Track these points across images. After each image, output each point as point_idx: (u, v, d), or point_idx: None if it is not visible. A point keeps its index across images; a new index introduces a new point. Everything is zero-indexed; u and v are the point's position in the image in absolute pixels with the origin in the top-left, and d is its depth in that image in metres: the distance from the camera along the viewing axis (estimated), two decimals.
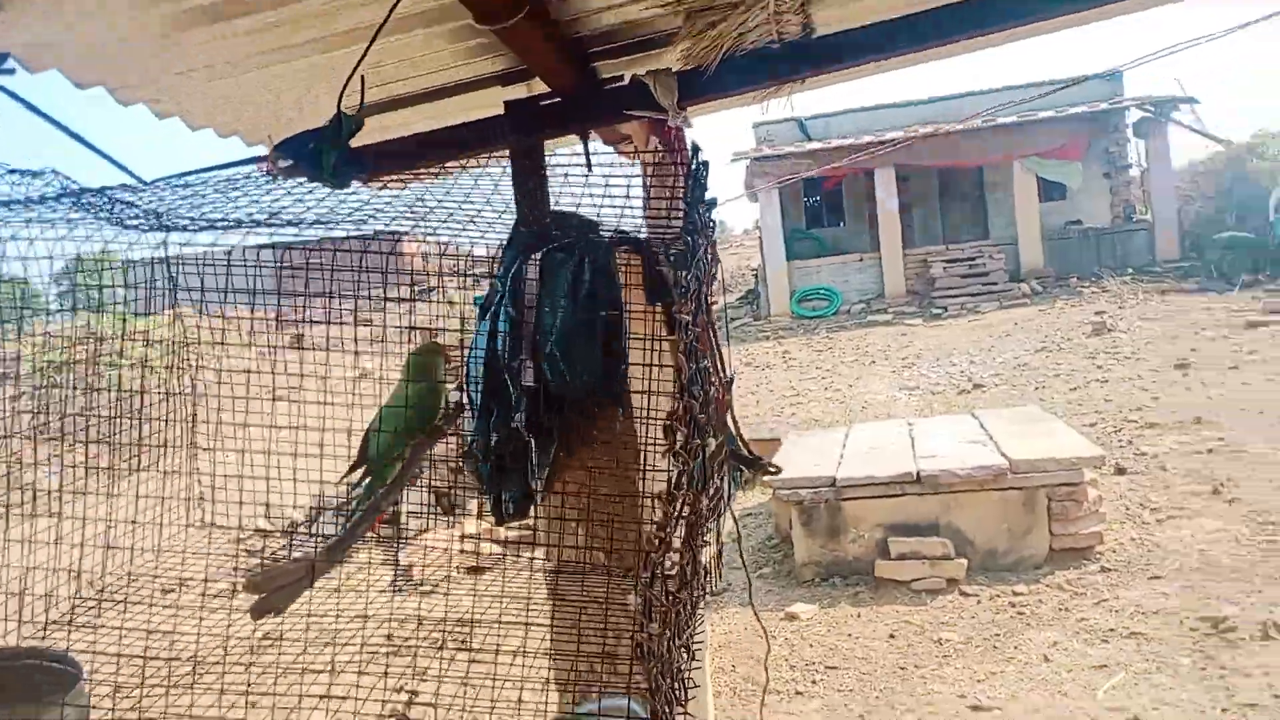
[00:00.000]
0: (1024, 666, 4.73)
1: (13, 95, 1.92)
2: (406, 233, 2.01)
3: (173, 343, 2.39)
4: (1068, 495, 5.97)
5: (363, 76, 1.90)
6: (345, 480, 2.12)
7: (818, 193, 24.79)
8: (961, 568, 5.88)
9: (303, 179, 1.95)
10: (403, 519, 6.79)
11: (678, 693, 1.46)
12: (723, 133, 12.91)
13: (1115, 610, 5.21)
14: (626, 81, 2.19)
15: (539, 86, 2.35)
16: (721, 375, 1.84)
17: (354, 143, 1.94)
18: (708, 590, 1.80)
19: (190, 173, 2.14)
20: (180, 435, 2.32)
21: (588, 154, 1.93)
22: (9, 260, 1.87)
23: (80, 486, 2.16)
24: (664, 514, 1.41)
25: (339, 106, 1.90)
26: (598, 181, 1.93)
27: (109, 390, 2.27)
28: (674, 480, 1.43)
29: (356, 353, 2.25)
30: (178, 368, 2.40)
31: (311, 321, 2.10)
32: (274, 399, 2.07)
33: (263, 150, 2.52)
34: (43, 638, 2.09)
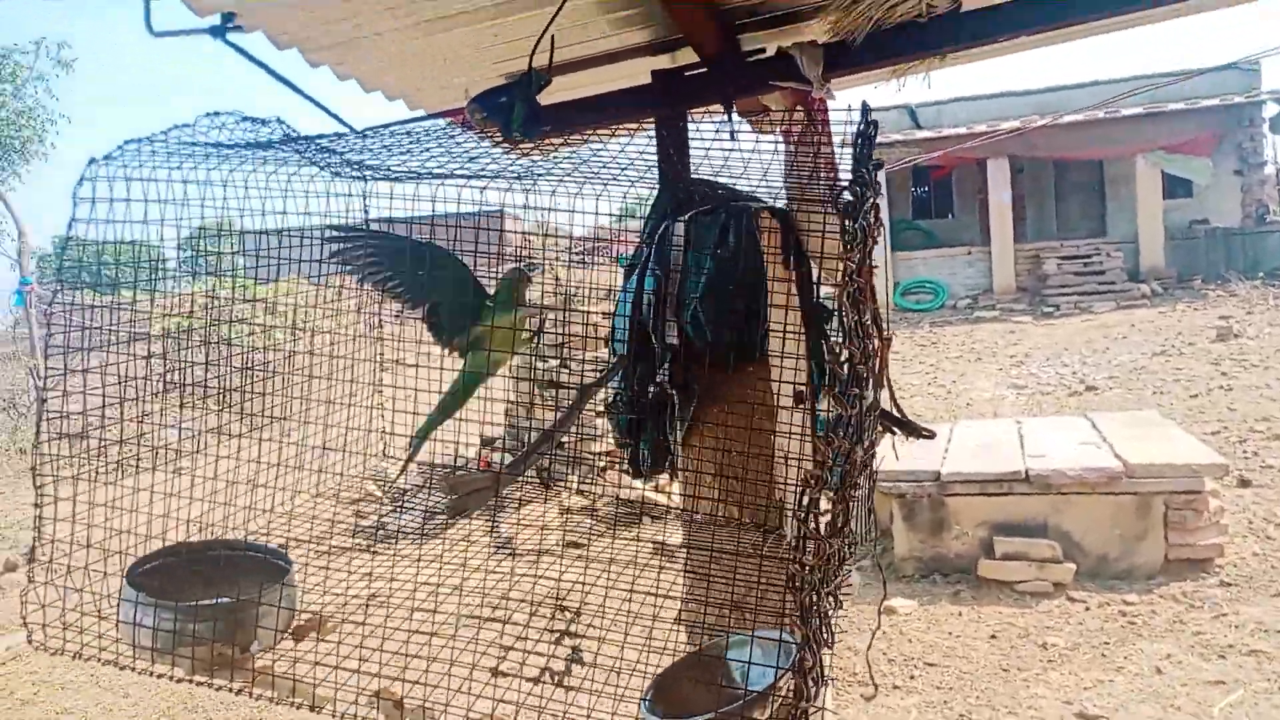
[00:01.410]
0: (1134, 677, 4.57)
1: (243, 52, 2.07)
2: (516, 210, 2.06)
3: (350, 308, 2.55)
4: (1186, 504, 5.71)
5: (552, 37, 1.98)
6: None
7: (926, 183, 24.22)
8: (1069, 572, 5.69)
9: (484, 135, 2.04)
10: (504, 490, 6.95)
11: (825, 635, 1.49)
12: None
13: (1235, 626, 4.98)
14: (771, 53, 2.20)
15: (682, 59, 2.37)
16: (875, 332, 1.84)
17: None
18: (857, 545, 1.81)
19: (396, 123, 2.26)
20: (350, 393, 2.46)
21: (731, 122, 1.95)
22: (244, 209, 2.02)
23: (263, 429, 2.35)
24: (818, 454, 1.43)
25: (530, 63, 1.97)
26: (738, 152, 1.94)
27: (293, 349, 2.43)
28: (835, 421, 1.44)
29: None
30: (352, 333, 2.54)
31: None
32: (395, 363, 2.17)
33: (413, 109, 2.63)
34: None
